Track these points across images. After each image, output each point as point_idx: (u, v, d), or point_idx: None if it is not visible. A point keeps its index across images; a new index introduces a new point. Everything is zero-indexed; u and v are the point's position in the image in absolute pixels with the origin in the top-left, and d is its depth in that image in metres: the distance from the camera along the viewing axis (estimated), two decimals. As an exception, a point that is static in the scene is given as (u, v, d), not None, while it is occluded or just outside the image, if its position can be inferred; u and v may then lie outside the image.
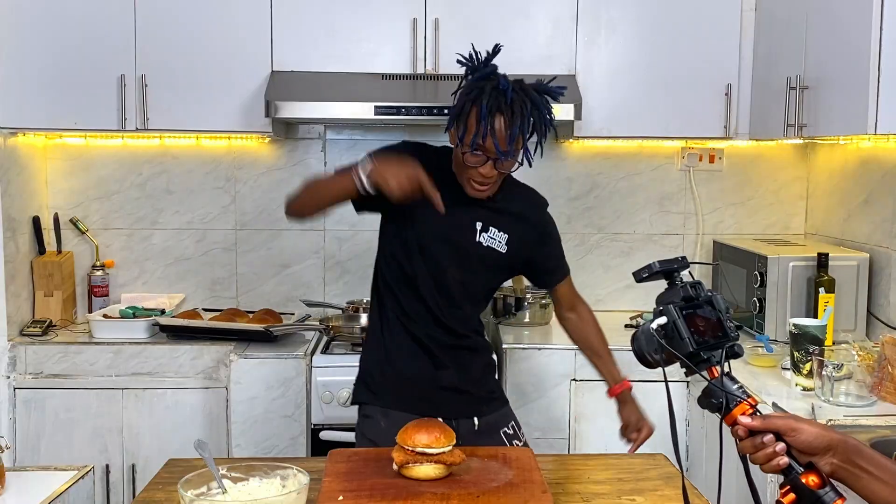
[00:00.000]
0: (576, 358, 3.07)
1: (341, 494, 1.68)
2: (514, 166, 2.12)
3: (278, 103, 3.06)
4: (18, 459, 3.11)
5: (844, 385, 2.36)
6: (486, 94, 2.00)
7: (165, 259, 3.63)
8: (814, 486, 1.30)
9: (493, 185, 2.12)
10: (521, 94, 2.02)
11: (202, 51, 3.21)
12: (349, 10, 3.23)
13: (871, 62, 2.43)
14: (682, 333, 1.38)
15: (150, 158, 3.59)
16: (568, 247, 3.68)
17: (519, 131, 2.01)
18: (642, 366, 1.45)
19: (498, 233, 2.20)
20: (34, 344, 3.14)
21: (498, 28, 3.24)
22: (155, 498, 1.79)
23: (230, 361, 3.04)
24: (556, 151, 3.64)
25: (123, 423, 3.14)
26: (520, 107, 2.01)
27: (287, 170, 3.61)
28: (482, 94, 2.00)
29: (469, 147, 2.04)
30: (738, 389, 1.38)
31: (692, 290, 1.43)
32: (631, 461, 2.03)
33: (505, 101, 1.99)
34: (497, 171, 2.08)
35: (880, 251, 3.03)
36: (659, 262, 1.45)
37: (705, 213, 3.67)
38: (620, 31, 3.28)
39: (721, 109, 3.27)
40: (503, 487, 1.72)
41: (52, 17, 3.17)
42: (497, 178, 2.12)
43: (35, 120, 3.20)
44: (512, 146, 2.01)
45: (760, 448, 1.32)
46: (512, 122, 2.00)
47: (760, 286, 3.08)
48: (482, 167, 2.06)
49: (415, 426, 1.78)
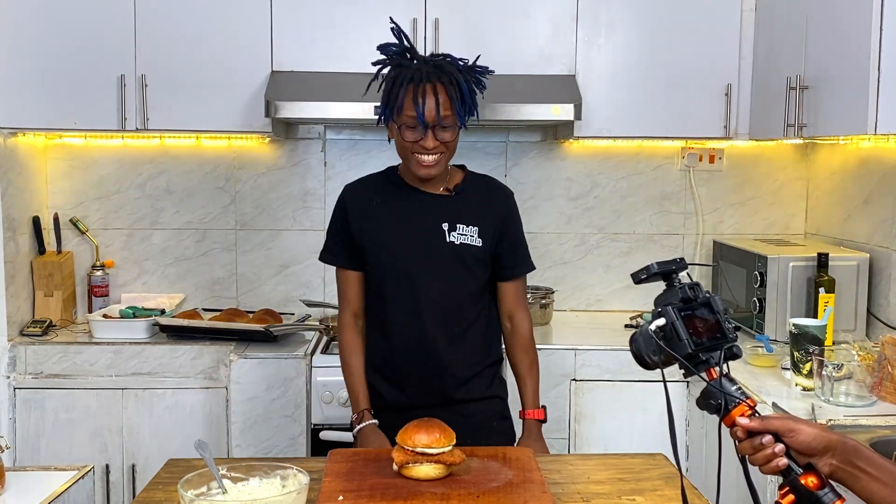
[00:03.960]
0: (576, 358, 3.07)
1: (341, 494, 1.68)
2: (453, 136, 2.12)
3: (278, 103, 3.06)
4: (18, 459, 3.11)
5: (844, 385, 2.36)
6: (410, 69, 2.08)
7: (165, 259, 3.63)
8: (813, 486, 1.30)
9: (440, 160, 2.12)
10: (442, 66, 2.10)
11: (202, 51, 3.21)
12: (349, 10, 3.23)
13: (871, 62, 2.43)
14: (681, 335, 1.38)
15: (150, 158, 3.59)
16: (568, 247, 3.73)
17: (448, 98, 2.07)
18: (641, 367, 1.45)
19: (466, 228, 2.19)
20: (34, 344, 3.14)
21: (498, 28, 3.24)
22: (155, 498, 1.79)
23: (230, 361, 3.04)
24: (556, 151, 3.64)
25: (123, 423, 3.14)
26: (447, 76, 2.08)
27: (287, 170, 3.62)
28: (405, 70, 2.08)
29: (406, 123, 2.08)
30: (736, 390, 1.38)
31: (690, 291, 1.43)
32: (631, 461, 2.03)
33: (429, 73, 2.07)
34: (439, 141, 2.09)
35: (880, 251, 3.03)
36: (657, 264, 1.45)
37: (705, 213, 3.67)
38: (620, 31, 3.28)
39: (721, 109, 3.27)
40: (503, 487, 1.72)
41: (52, 17, 3.17)
42: (442, 153, 2.12)
43: (35, 120, 3.20)
44: (442, 112, 2.06)
45: (759, 449, 1.32)
46: (439, 90, 2.06)
47: (760, 286, 3.08)
48: (423, 140, 2.09)
49: (415, 426, 1.78)
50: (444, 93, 2.07)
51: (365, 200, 2.23)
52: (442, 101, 2.06)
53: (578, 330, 3.39)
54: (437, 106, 2.06)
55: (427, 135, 2.08)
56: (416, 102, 2.04)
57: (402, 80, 2.07)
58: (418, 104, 2.04)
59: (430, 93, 2.06)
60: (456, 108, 2.08)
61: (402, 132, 2.10)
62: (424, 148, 2.09)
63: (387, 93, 2.11)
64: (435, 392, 2.21)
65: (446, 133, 2.10)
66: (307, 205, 3.63)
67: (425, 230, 2.18)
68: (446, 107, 2.07)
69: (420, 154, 2.11)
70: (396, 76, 2.09)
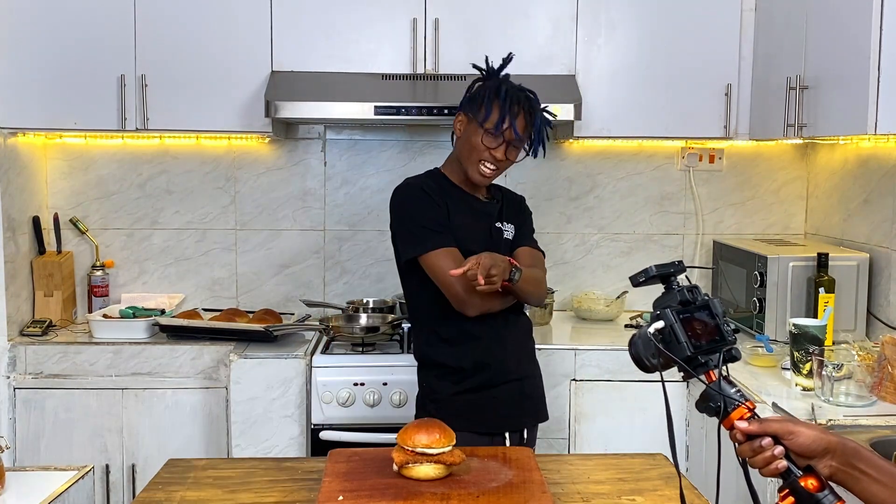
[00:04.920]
0: (576, 358, 3.07)
1: (341, 494, 1.68)
2: (519, 156, 2.38)
3: (278, 103, 3.06)
4: (18, 459, 3.11)
5: (844, 385, 2.36)
6: (509, 87, 2.32)
7: (165, 259, 3.63)
8: (812, 489, 1.30)
9: (498, 171, 2.36)
10: (532, 98, 2.37)
11: (202, 51, 3.21)
12: (349, 10, 3.23)
13: (871, 62, 2.43)
14: (680, 337, 1.38)
15: (150, 158, 3.59)
16: (567, 247, 3.73)
17: (532, 123, 2.33)
18: (639, 370, 1.45)
19: (507, 225, 2.45)
20: (34, 344, 3.14)
21: (498, 28, 3.24)
22: (155, 498, 1.79)
23: (230, 361, 3.04)
24: (556, 151, 3.64)
25: (123, 423, 3.14)
26: (534, 104, 2.35)
27: (287, 170, 3.62)
28: (503, 86, 2.32)
29: (491, 130, 2.29)
30: (735, 393, 1.38)
31: (689, 294, 1.43)
32: (631, 461, 2.03)
33: (523, 97, 2.33)
34: (506, 157, 2.33)
35: (880, 251, 3.03)
36: (656, 266, 1.46)
37: (705, 213, 3.67)
38: (620, 31, 3.28)
39: (721, 109, 3.27)
40: (503, 487, 1.72)
41: (51, 16, 3.17)
42: (503, 167, 2.36)
43: (35, 120, 3.20)
44: (526, 134, 2.33)
45: (759, 452, 1.32)
46: (527, 113, 2.32)
47: (760, 286, 3.08)
48: (496, 150, 2.30)
49: (415, 426, 1.78)
50: (530, 117, 2.32)
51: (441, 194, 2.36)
52: (527, 123, 2.32)
53: (578, 330, 3.39)
54: (525, 126, 2.32)
55: (501, 147, 2.30)
56: (512, 114, 2.28)
57: (501, 92, 2.30)
58: (513, 116, 2.28)
59: (521, 112, 2.30)
60: (531, 133, 2.34)
61: (483, 136, 2.30)
62: (494, 157, 2.31)
63: (480, 95, 2.32)
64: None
65: (514, 152, 2.35)
66: (307, 205, 3.63)
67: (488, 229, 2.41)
68: (528, 130, 2.33)
69: (487, 162, 2.32)
70: (497, 87, 2.31)
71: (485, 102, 2.29)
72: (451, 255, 2.26)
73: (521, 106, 2.30)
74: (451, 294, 2.27)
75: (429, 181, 2.39)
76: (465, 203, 2.39)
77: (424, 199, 2.33)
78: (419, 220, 2.31)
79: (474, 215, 2.39)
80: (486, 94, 2.31)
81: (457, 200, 2.37)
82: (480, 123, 2.29)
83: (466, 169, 2.35)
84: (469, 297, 2.24)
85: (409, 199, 2.36)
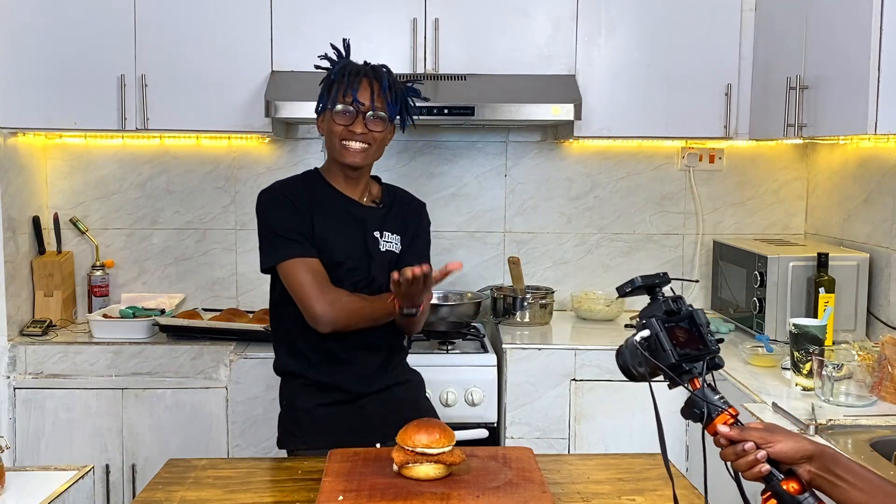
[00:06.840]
0: (576, 358, 3.07)
1: (341, 494, 1.68)
2: (382, 127, 2.20)
3: (278, 103, 3.06)
4: (18, 459, 3.11)
5: (844, 385, 2.36)
6: (346, 64, 2.21)
7: (165, 259, 3.63)
8: (794, 491, 1.34)
9: (366, 150, 2.19)
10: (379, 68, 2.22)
11: (202, 51, 3.21)
12: (349, 10, 3.23)
13: (870, 62, 2.43)
14: (665, 345, 1.42)
15: (150, 158, 3.59)
16: (567, 247, 3.73)
17: (382, 90, 2.17)
18: (627, 379, 1.48)
19: (391, 235, 2.27)
20: (34, 344, 3.14)
21: (498, 28, 3.24)
22: (155, 498, 1.79)
23: (230, 361, 3.04)
24: (556, 151, 3.64)
25: (123, 423, 3.14)
26: (380, 73, 2.20)
27: (287, 170, 3.61)
28: (341, 68, 2.20)
29: (338, 108, 2.16)
30: (719, 400, 1.42)
31: (674, 304, 1.48)
32: (631, 461, 2.03)
33: (366, 68, 2.21)
34: (368, 130, 2.17)
35: (880, 251, 3.03)
36: (641, 278, 1.50)
37: (705, 213, 3.67)
38: (620, 31, 3.28)
39: (721, 109, 3.27)
40: (503, 487, 1.72)
41: (51, 17, 3.17)
42: (369, 144, 2.19)
43: (35, 120, 3.21)
44: (380, 104, 2.17)
45: (742, 455, 1.36)
46: (372, 81, 2.18)
47: (760, 286, 3.08)
48: (352, 125, 2.16)
49: (415, 426, 1.78)
50: (377, 85, 2.17)
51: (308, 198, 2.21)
52: (376, 92, 2.16)
53: (578, 330, 3.39)
54: (372, 95, 2.16)
55: (357, 120, 2.16)
56: (352, 86, 2.15)
57: (337, 71, 2.19)
58: (354, 87, 2.15)
59: (364, 80, 2.17)
60: (386, 100, 2.18)
61: (333, 118, 2.17)
62: (353, 133, 2.16)
63: (328, 79, 2.20)
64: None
65: (377, 124, 2.18)
66: (307, 205, 3.63)
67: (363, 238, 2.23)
68: (379, 97, 2.16)
69: (347, 140, 2.17)
70: (335, 70, 2.20)
71: (326, 87, 2.20)
72: (308, 265, 2.13)
73: (361, 76, 2.17)
74: (304, 307, 2.13)
75: (296, 185, 2.26)
76: (337, 207, 2.22)
77: (284, 204, 2.19)
78: (275, 227, 2.18)
79: (346, 222, 2.22)
80: (326, 80, 2.21)
81: (327, 205, 2.21)
82: (330, 108, 2.18)
83: (336, 157, 2.21)
84: (323, 312, 2.11)
85: (268, 204, 2.22)
